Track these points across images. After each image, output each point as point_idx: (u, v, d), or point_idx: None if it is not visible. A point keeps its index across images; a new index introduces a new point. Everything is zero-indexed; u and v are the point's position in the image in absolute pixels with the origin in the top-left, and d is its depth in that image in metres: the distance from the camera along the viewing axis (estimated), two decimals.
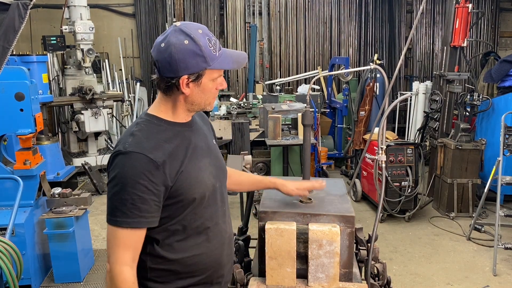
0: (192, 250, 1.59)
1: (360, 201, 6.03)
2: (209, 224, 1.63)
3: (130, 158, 1.46)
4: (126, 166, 1.46)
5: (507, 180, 4.49)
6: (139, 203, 1.45)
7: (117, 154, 1.49)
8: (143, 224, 1.47)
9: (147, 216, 1.47)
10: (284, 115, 5.85)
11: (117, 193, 1.46)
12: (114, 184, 1.47)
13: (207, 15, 9.57)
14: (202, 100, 1.58)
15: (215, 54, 1.52)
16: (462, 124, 5.42)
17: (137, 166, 1.45)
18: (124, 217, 1.45)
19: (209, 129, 1.83)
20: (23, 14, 2.66)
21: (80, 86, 6.88)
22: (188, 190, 1.54)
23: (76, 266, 3.90)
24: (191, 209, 1.57)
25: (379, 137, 2.09)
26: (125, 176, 1.45)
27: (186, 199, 1.54)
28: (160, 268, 1.58)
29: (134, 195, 1.44)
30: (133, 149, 1.47)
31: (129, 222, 1.46)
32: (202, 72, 1.52)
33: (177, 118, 1.60)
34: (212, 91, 1.58)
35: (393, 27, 9.88)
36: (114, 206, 1.48)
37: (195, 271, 1.61)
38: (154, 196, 1.47)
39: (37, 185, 3.87)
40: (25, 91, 3.92)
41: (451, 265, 4.31)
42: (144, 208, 1.46)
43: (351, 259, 1.82)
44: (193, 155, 1.59)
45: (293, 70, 9.77)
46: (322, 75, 8.10)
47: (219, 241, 1.67)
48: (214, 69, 1.54)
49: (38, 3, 8.86)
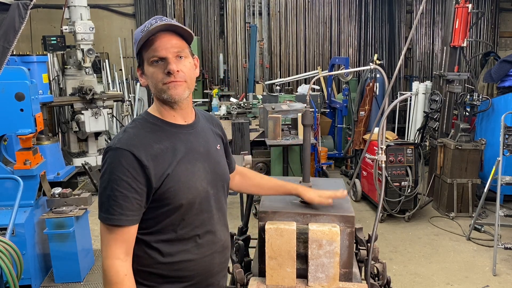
0: (179, 256, 1.56)
1: (360, 201, 6.03)
2: (199, 231, 1.58)
3: (117, 154, 1.45)
4: (113, 162, 1.45)
5: (507, 180, 4.49)
6: (121, 200, 1.44)
7: (108, 150, 1.49)
8: (123, 222, 1.45)
9: (128, 214, 1.45)
10: (284, 115, 5.85)
11: (104, 189, 1.46)
12: (102, 180, 1.47)
13: (207, 15, 9.58)
14: (154, 88, 1.53)
15: (141, 35, 1.49)
16: (462, 124, 5.42)
17: (123, 163, 1.44)
18: (107, 213, 1.45)
19: (217, 134, 1.78)
20: (23, 14, 2.66)
21: (80, 86, 6.88)
22: (175, 194, 1.50)
23: (76, 266, 3.91)
24: (179, 214, 1.53)
25: (379, 137, 2.09)
26: (111, 172, 1.45)
27: (173, 204, 1.51)
28: (147, 270, 1.55)
29: (116, 192, 1.43)
30: (121, 145, 1.46)
31: (111, 219, 1.45)
32: (140, 59, 1.54)
33: (170, 116, 1.58)
34: (156, 76, 1.50)
35: (393, 27, 9.88)
36: (100, 202, 1.48)
37: (182, 277, 1.58)
38: (137, 194, 1.45)
39: (37, 185, 3.87)
40: (25, 91, 3.92)
41: (451, 265, 4.32)
42: (126, 206, 1.44)
43: (351, 259, 1.82)
44: (186, 158, 1.55)
45: (293, 70, 9.78)
46: (322, 75, 8.11)
47: (210, 249, 1.62)
48: (146, 51, 1.51)
49: (38, 3, 8.86)
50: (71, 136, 7.33)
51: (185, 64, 1.53)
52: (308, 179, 2.14)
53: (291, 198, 1.98)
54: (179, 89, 1.51)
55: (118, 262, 1.47)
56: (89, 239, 4.27)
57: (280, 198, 1.98)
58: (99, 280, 4.01)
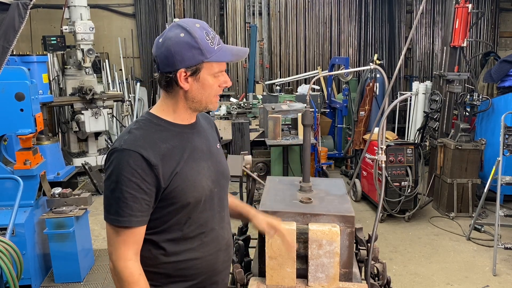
0: (185, 254, 1.56)
1: (360, 201, 6.03)
2: (204, 229, 1.59)
3: (125, 156, 1.44)
4: (121, 163, 1.44)
5: (507, 180, 4.49)
6: (130, 201, 1.43)
7: (113, 151, 1.49)
8: (133, 223, 1.45)
9: (137, 215, 1.45)
10: (284, 115, 5.85)
11: (111, 191, 1.45)
12: (109, 181, 1.47)
13: (207, 15, 9.58)
14: (203, 97, 1.54)
15: (213, 47, 1.49)
16: (462, 124, 5.42)
17: (131, 164, 1.43)
18: (116, 215, 1.45)
19: (214, 132, 1.80)
20: (23, 14, 2.66)
21: (80, 86, 6.89)
22: (182, 193, 1.51)
23: (76, 266, 3.90)
24: (185, 213, 1.54)
25: (379, 137, 2.09)
26: (119, 173, 1.44)
27: (180, 202, 1.52)
28: (152, 270, 1.55)
29: (126, 193, 1.43)
30: (128, 146, 1.45)
31: (120, 221, 1.44)
32: (200, 66, 1.49)
33: (178, 118, 1.58)
34: (213, 88, 1.54)
35: (393, 27, 9.88)
36: (107, 203, 1.47)
37: (187, 276, 1.58)
38: (145, 195, 1.45)
39: (37, 185, 3.87)
40: (25, 91, 3.92)
41: (451, 265, 4.32)
42: (135, 207, 1.44)
43: (351, 259, 1.82)
44: (191, 157, 1.56)
45: (293, 70, 9.77)
46: (322, 75, 8.11)
47: (215, 247, 1.63)
48: (213, 63, 1.51)
49: (38, 3, 8.86)
50: (71, 136, 7.34)
51: None
52: (308, 179, 2.13)
53: (291, 198, 1.98)
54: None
55: (131, 263, 1.47)
56: (89, 239, 4.27)
57: (280, 198, 1.98)
58: (99, 280, 4.01)
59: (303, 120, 2.16)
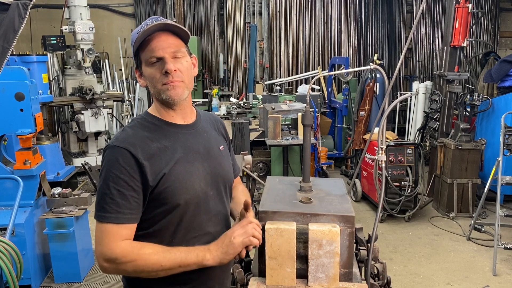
0: None
1: (360, 201, 6.03)
2: (196, 233, 1.55)
3: (115, 153, 1.45)
4: (111, 160, 1.45)
5: (507, 180, 4.49)
6: (118, 198, 1.42)
7: (106, 148, 1.50)
8: (121, 220, 1.42)
9: (125, 212, 1.43)
10: (284, 115, 5.85)
11: (101, 187, 1.45)
12: (101, 178, 1.47)
13: (207, 15, 9.58)
14: (155, 89, 1.52)
15: (138, 35, 1.48)
16: (462, 124, 5.42)
17: (120, 161, 1.43)
18: (103, 212, 1.43)
19: (221, 135, 1.78)
20: (23, 14, 2.66)
21: (80, 86, 6.89)
22: (172, 194, 1.48)
23: (76, 266, 3.91)
24: (176, 215, 1.50)
25: (379, 137, 2.09)
26: (108, 170, 1.44)
27: (170, 204, 1.48)
28: None
29: (114, 190, 1.42)
30: (118, 143, 1.46)
31: (107, 217, 1.42)
32: (138, 60, 1.53)
33: (169, 116, 1.57)
34: (154, 76, 1.49)
35: (393, 27, 9.88)
36: (97, 200, 1.47)
37: (177, 280, 1.52)
38: (134, 192, 1.43)
39: (37, 185, 3.87)
40: (25, 91, 3.92)
41: (451, 265, 4.31)
42: (123, 204, 1.42)
43: (351, 259, 1.82)
44: (184, 158, 1.53)
45: (293, 70, 9.78)
46: (322, 75, 8.11)
47: None
48: (144, 52, 1.50)
49: (38, 3, 8.86)
50: (71, 136, 7.34)
51: (183, 63, 1.52)
52: (308, 179, 2.13)
53: (291, 198, 1.98)
54: (178, 90, 1.51)
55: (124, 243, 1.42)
56: (89, 239, 4.27)
57: (280, 198, 1.98)
58: (99, 280, 4.00)
59: (303, 120, 2.15)
